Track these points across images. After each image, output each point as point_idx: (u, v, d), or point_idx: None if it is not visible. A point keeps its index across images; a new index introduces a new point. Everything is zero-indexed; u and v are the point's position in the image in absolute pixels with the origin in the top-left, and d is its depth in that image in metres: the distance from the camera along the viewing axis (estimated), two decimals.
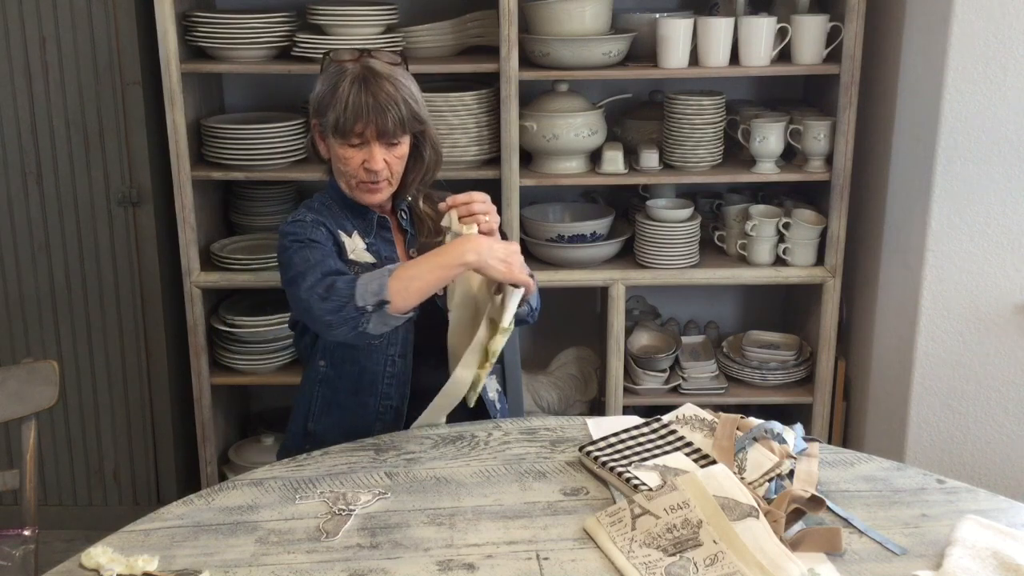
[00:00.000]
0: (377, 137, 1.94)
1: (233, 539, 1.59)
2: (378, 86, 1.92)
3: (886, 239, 2.77)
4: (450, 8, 2.87)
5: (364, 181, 1.98)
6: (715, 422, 1.87)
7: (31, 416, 2.02)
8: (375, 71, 1.94)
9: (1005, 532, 1.56)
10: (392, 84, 1.94)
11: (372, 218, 2.06)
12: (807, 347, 3.02)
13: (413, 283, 1.82)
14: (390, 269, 1.85)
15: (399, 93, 1.94)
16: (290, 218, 2.03)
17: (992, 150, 2.48)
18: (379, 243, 2.05)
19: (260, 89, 3.10)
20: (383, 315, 1.83)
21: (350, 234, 2.04)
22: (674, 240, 2.85)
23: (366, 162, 1.95)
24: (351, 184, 2.00)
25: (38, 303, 3.02)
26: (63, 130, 2.90)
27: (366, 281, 1.84)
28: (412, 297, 1.84)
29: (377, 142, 1.94)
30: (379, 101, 1.91)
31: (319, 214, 2.03)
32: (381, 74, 1.94)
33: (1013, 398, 2.62)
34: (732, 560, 1.46)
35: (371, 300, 1.82)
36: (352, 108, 1.91)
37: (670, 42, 2.71)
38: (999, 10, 2.39)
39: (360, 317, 1.83)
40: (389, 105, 1.92)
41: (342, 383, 2.07)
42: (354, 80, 1.93)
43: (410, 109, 1.95)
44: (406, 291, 1.82)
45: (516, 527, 1.61)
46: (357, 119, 1.91)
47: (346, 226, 2.04)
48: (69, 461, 3.15)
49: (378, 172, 1.96)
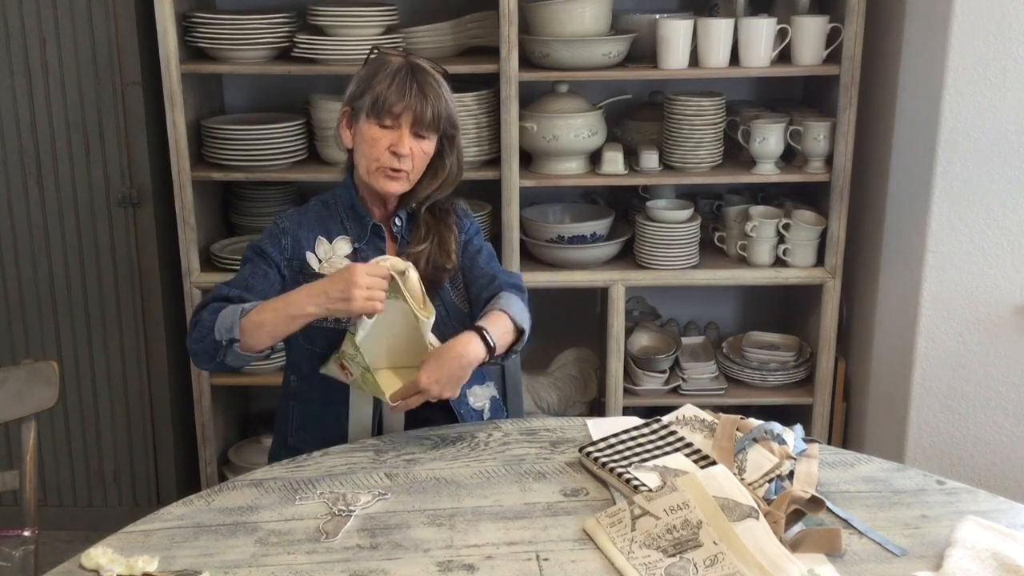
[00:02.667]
0: (412, 124, 1.95)
1: (233, 540, 1.59)
2: (424, 78, 1.97)
3: (886, 240, 2.77)
4: (450, 8, 2.87)
5: (385, 166, 1.97)
6: (715, 423, 1.87)
7: (31, 416, 2.02)
8: (422, 68, 1.99)
9: (1005, 533, 1.56)
10: (436, 82, 1.99)
11: (368, 224, 2.05)
12: (807, 348, 3.02)
13: (263, 328, 1.86)
14: (245, 308, 1.87)
15: (442, 91, 1.99)
16: (282, 213, 2.09)
17: (992, 150, 2.48)
18: (369, 250, 2.04)
19: (260, 89, 3.10)
20: (234, 351, 1.87)
21: (332, 239, 2.03)
22: (674, 241, 2.85)
23: (393, 145, 1.95)
24: (371, 168, 1.98)
25: (38, 303, 3.02)
26: (63, 130, 2.90)
27: (225, 315, 1.87)
28: (262, 340, 1.87)
29: (409, 129, 1.96)
30: (423, 90, 1.95)
31: (301, 217, 2.05)
32: (428, 71, 1.99)
33: (1013, 398, 2.62)
34: (732, 561, 1.46)
35: (225, 336, 1.86)
36: (396, 88, 1.94)
37: (670, 43, 2.71)
38: (999, 10, 2.39)
39: (217, 350, 1.88)
40: (431, 96, 1.96)
41: (313, 394, 2.07)
42: (401, 68, 1.97)
43: (448, 111, 1.99)
44: (256, 334, 1.86)
45: (516, 528, 1.61)
46: (399, 100, 1.94)
47: (333, 230, 2.04)
48: (69, 461, 3.15)
49: (403, 158, 1.96)
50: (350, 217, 2.06)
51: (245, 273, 2.00)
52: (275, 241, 2.03)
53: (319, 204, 2.09)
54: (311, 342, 2.02)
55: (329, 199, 2.09)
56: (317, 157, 2.88)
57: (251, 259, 2.03)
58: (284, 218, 2.07)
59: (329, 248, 2.03)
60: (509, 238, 2.83)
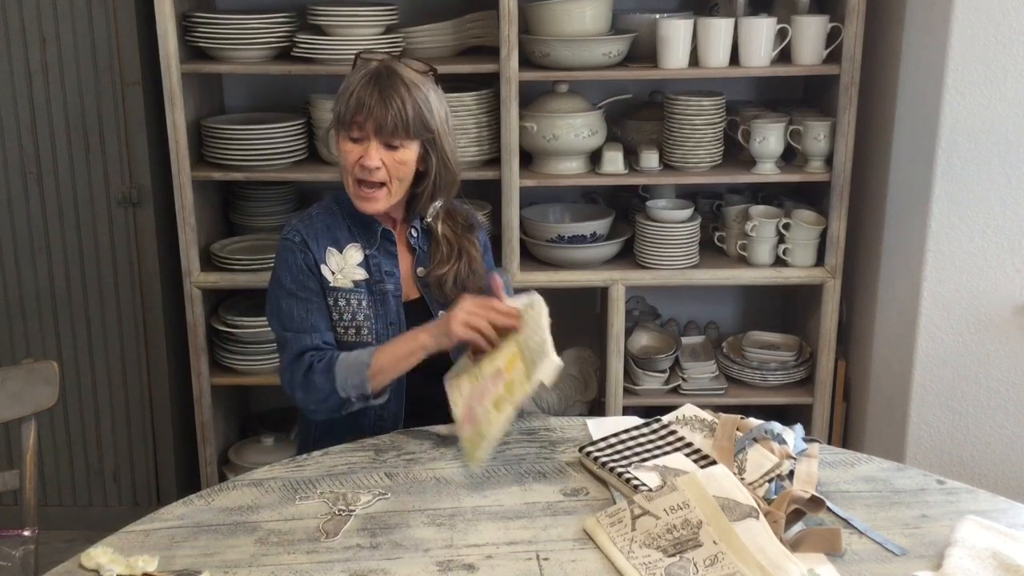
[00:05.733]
0: (375, 133, 1.90)
1: (233, 539, 1.59)
2: (390, 84, 1.89)
3: (886, 239, 2.77)
4: (450, 8, 2.87)
5: (360, 180, 1.93)
6: (715, 423, 1.87)
7: (31, 416, 2.01)
8: (393, 71, 1.92)
9: (1005, 533, 1.56)
10: (407, 87, 1.91)
11: (377, 229, 2.02)
12: (807, 348, 3.02)
13: (387, 374, 1.92)
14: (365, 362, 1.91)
15: (411, 96, 1.90)
16: (288, 226, 2.03)
17: (992, 150, 2.48)
18: (381, 256, 2.02)
19: (260, 89, 3.10)
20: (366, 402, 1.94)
21: (343, 248, 2.01)
22: (674, 241, 2.85)
23: (362, 158, 1.91)
24: (347, 182, 1.96)
25: (38, 303, 3.02)
26: (63, 130, 2.90)
27: (345, 375, 1.91)
28: (389, 381, 1.94)
29: (375, 139, 1.90)
30: (383, 97, 1.88)
31: (308, 227, 2.01)
32: (399, 75, 1.92)
33: (1013, 398, 2.62)
34: (732, 561, 1.46)
35: (353, 393, 1.91)
36: (356, 98, 1.89)
37: (670, 43, 2.71)
38: (999, 11, 2.39)
39: (343, 405, 1.94)
40: (393, 102, 1.88)
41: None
42: (368, 75, 1.91)
43: (418, 114, 1.90)
44: (382, 380, 1.93)
45: (516, 527, 1.61)
46: (358, 110, 1.88)
47: (342, 238, 2.01)
48: (69, 461, 3.15)
49: (372, 171, 1.91)
50: (356, 223, 2.03)
51: (301, 313, 1.98)
52: (295, 256, 1.98)
53: (323, 211, 2.04)
54: None
55: (332, 204, 2.05)
56: (317, 157, 2.88)
57: (293, 293, 1.98)
58: (294, 232, 2.01)
59: (341, 259, 2.00)
60: (509, 238, 2.83)
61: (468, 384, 1.86)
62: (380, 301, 2.00)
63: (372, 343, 1.99)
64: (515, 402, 1.74)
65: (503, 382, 1.78)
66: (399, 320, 2.01)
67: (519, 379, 1.75)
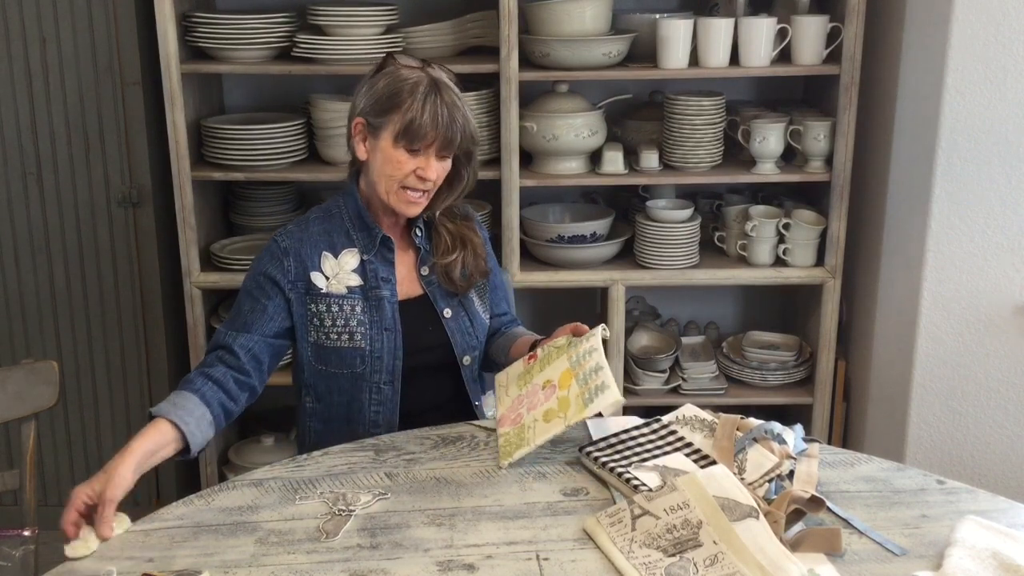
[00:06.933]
0: (440, 149, 1.91)
1: (233, 539, 1.59)
2: (450, 99, 1.91)
3: (886, 239, 2.77)
4: (450, 8, 2.87)
5: (407, 187, 1.93)
6: (715, 423, 1.87)
7: (31, 416, 2.02)
8: (446, 85, 1.92)
9: (1005, 533, 1.56)
10: (459, 99, 1.93)
11: (378, 235, 2.01)
12: (807, 348, 3.02)
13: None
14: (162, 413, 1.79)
15: (463, 110, 1.92)
16: (282, 229, 2.02)
17: (992, 150, 2.48)
18: (378, 262, 2.01)
19: (260, 89, 3.10)
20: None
21: (339, 253, 1.99)
22: (674, 241, 2.85)
23: (420, 170, 1.91)
24: (391, 188, 1.94)
25: (38, 303, 3.02)
26: (63, 130, 2.90)
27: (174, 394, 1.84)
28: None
29: (435, 153, 1.92)
30: (452, 114, 1.89)
31: (303, 234, 1.99)
32: (451, 89, 1.92)
33: (1013, 398, 2.62)
34: (732, 561, 1.46)
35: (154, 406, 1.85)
36: (430, 116, 1.87)
37: (670, 43, 2.71)
38: (999, 11, 2.39)
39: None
40: (459, 119, 1.90)
41: (332, 413, 2.06)
42: (428, 89, 1.89)
43: (472, 129, 1.94)
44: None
45: (516, 527, 1.61)
46: (433, 128, 1.88)
47: (339, 243, 2.00)
48: (69, 461, 3.15)
49: (430, 182, 1.93)
50: (357, 227, 2.01)
51: (245, 309, 1.96)
52: (277, 263, 1.97)
53: (320, 216, 2.03)
54: (324, 363, 2.01)
55: (332, 208, 2.04)
56: (317, 157, 2.88)
57: (251, 292, 1.97)
58: (284, 236, 2.00)
59: (336, 264, 1.99)
60: (509, 238, 2.83)
61: (516, 387, 1.91)
62: (375, 307, 2.00)
63: (365, 348, 1.98)
64: (567, 422, 1.76)
65: (556, 396, 1.81)
66: (394, 325, 2.01)
67: (574, 399, 1.78)
